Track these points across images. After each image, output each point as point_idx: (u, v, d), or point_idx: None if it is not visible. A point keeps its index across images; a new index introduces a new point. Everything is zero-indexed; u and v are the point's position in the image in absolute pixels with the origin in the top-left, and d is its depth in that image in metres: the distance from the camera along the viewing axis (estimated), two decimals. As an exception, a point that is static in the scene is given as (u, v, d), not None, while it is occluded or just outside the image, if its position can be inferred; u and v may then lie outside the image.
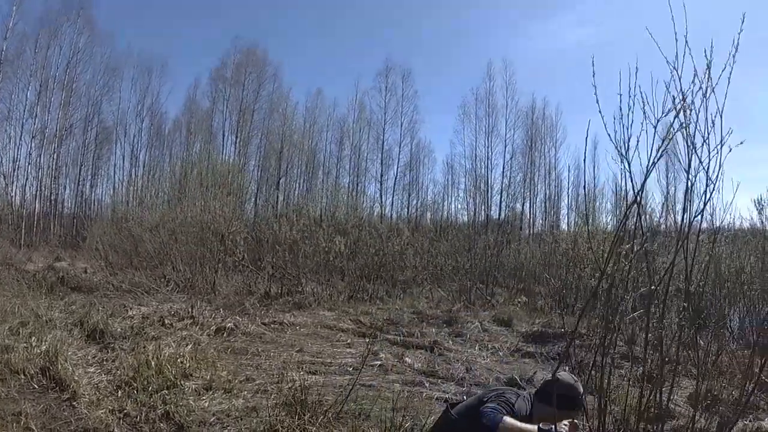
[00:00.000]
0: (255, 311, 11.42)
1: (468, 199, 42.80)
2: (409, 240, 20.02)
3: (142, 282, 14.01)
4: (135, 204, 25.76)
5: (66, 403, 5.68)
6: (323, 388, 6.47)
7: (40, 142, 34.92)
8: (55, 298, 11.56)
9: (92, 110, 38.05)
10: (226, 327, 9.62)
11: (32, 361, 6.58)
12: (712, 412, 5.95)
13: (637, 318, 6.66)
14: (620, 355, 8.18)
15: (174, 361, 6.78)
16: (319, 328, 10.65)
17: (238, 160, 32.82)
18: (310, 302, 13.36)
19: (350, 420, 5.44)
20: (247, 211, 23.91)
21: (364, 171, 44.48)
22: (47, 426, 5.10)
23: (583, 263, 13.83)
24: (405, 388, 6.67)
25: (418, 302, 14.82)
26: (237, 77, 42.06)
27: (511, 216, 41.54)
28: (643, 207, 11.89)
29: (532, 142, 43.86)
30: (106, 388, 6.13)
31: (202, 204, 17.25)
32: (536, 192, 44.46)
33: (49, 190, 36.30)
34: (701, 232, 4.83)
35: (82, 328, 8.79)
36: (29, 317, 8.97)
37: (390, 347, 9.39)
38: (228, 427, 5.31)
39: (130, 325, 9.24)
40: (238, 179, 20.55)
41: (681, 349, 4.69)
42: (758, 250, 11.51)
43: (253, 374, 7.12)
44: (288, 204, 37.78)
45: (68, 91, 35.94)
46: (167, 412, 5.47)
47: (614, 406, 5.67)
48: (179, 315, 10.20)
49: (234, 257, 15.90)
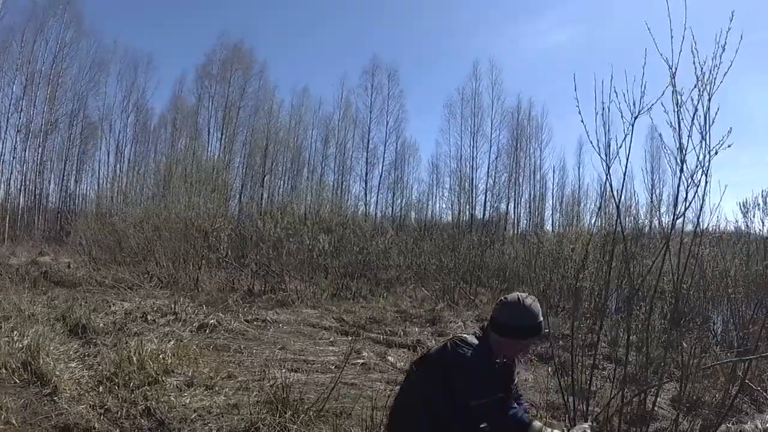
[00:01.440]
0: (238, 308, 11.42)
1: (453, 198, 43.05)
2: (393, 239, 20.07)
3: (126, 278, 14.00)
4: (119, 199, 25.69)
5: (47, 397, 5.67)
6: (305, 386, 6.49)
7: (25, 136, 34.89)
8: (37, 293, 11.50)
9: (78, 105, 38.04)
10: (208, 323, 9.61)
11: (14, 356, 6.56)
12: (694, 415, 6.02)
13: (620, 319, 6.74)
14: (603, 356, 8.27)
15: (156, 357, 6.78)
16: (302, 326, 10.66)
17: (223, 157, 32.68)
18: (293, 300, 13.35)
19: (332, 418, 5.46)
20: (231, 208, 23.79)
21: (349, 169, 44.75)
22: (27, 420, 5.10)
23: (567, 264, 13.90)
24: (387, 387, 6.68)
25: (401, 301, 14.85)
26: (223, 74, 42.12)
27: (495, 216, 41.80)
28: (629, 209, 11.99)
29: (518, 142, 44.20)
30: (87, 384, 6.12)
31: (187, 200, 17.23)
32: (521, 192, 44.82)
33: (33, 185, 36.24)
34: (686, 234, 4.87)
35: (64, 323, 8.76)
36: (11, 311, 8.94)
37: (373, 346, 9.43)
38: (209, 423, 5.32)
39: (112, 320, 9.23)
40: (223, 176, 20.45)
41: (665, 350, 4.74)
42: (742, 253, 11.60)
43: (235, 371, 7.14)
44: (272, 201, 37.82)
45: (54, 85, 35.85)
46: (148, 408, 5.47)
47: (597, 407, 5.72)
48: (162, 311, 10.19)
49: (218, 254, 15.90)
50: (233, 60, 42.22)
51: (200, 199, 17.12)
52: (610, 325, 8.65)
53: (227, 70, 41.97)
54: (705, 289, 9.53)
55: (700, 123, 3.87)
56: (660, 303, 9.35)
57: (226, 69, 42.01)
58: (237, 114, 42.03)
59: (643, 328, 4.47)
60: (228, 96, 41.92)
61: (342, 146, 44.78)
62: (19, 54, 34.03)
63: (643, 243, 11.13)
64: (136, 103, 41.39)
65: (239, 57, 42.50)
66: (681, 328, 6.65)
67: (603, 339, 7.77)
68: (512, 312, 3.18)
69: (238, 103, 42.17)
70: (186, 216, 16.22)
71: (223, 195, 19.21)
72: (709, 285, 9.75)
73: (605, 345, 8.81)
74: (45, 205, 37.44)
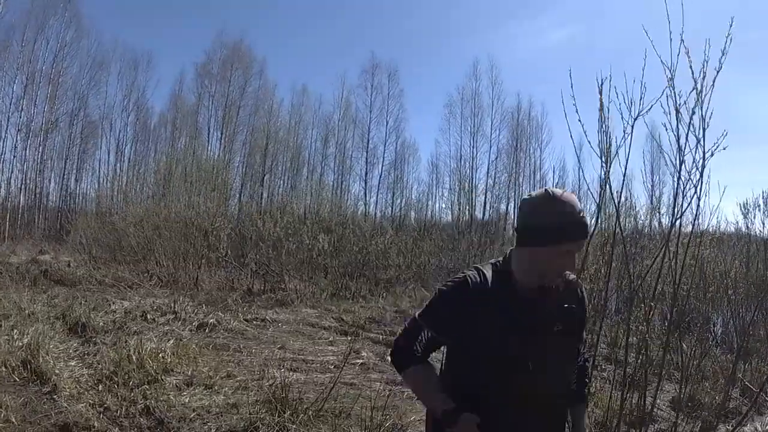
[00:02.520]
0: (237, 307, 11.42)
1: (452, 198, 42.84)
2: (392, 238, 20.05)
3: (125, 276, 13.99)
4: (119, 198, 25.64)
5: (46, 396, 5.68)
6: (304, 386, 6.50)
7: (25, 135, 34.76)
8: (37, 291, 11.51)
9: (78, 104, 37.89)
10: (208, 323, 9.61)
11: (13, 354, 6.57)
12: (694, 417, 6.03)
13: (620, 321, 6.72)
14: (602, 357, 8.27)
15: (155, 356, 6.80)
16: (301, 326, 10.66)
17: (223, 156, 32.67)
18: (292, 299, 13.35)
19: (330, 418, 5.47)
20: (231, 207, 23.79)
21: (348, 169, 44.53)
22: (27, 419, 5.10)
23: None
24: (386, 387, 6.68)
25: (401, 301, 14.85)
26: (223, 73, 42.00)
27: (495, 216, 41.71)
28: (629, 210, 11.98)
29: (518, 142, 44.07)
30: (86, 382, 6.13)
31: (187, 199, 17.24)
32: (521, 193, 44.41)
33: (34, 184, 36.09)
34: (685, 235, 4.86)
35: (64, 322, 8.76)
36: (11, 310, 8.95)
37: (372, 346, 9.42)
38: (208, 423, 5.33)
39: (112, 319, 9.23)
40: (223, 175, 20.48)
41: (664, 352, 4.74)
42: (743, 254, 11.60)
43: (234, 370, 7.14)
44: (272, 201, 37.67)
45: (55, 84, 35.73)
46: (147, 406, 5.48)
47: (596, 409, 5.73)
48: (162, 310, 10.18)
49: (217, 253, 15.90)
50: (233, 59, 42.10)
51: (200, 198, 17.16)
52: (609, 326, 8.65)
53: (227, 69, 41.87)
54: (705, 291, 9.52)
55: (695, 126, 3.87)
56: (660, 304, 9.36)
57: (226, 68, 41.92)
58: (237, 113, 41.94)
59: (643, 330, 4.46)
60: (228, 95, 41.84)
61: (342, 146, 44.68)
62: (20, 53, 34.00)
63: (642, 244, 11.10)
64: (136, 102, 41.32)
65: (239, 56, 42.38)
66: (681, 329, 6.64)
67: (602, 340, 7.77)
68: (536, 206, 2.15)
69: (238, 102, 42.08)
70: (186, 215, 16.23)
71: (223, 194, 19.25)
72: (709, 286, 9.74)
73: (604, 346, 8.81)
74: (45, 203, 37.36)
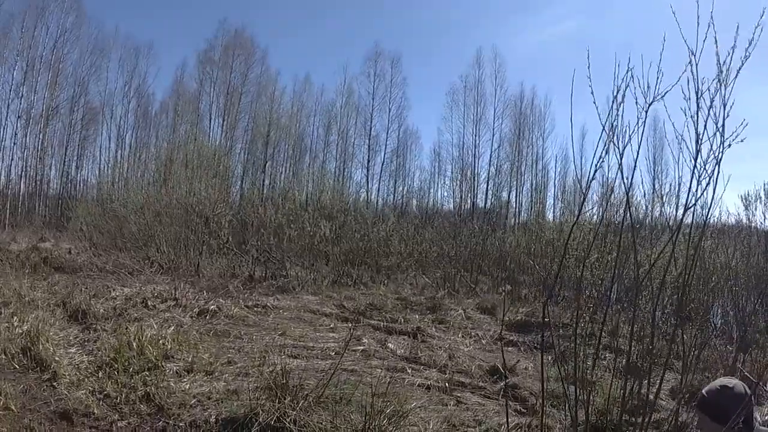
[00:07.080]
0: (238, 294, 11.42)
1: (454, 186, 42.93)
2: (394, 226, 20.06)
3: (126, 263, 13.99)
4: (120, 185, 25.64)
5: (46, 383, 5.68)
6: (305, 372, 6.47)
7: (26, 122, 34.78)
8: (38, 279, 11.50)
9: (79, 91, 37.83)
10: (209, 309, 9.60)
11: (13, 341, 6.57)
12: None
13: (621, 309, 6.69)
14: (603, 346, 8.25)
15: (156, 343, 6.78)
16: (302, 312, 10.65)
17: (224, 143, 32.68)
18: (293, 286, 13.34)
19: (331, 404, 5.44)
20: (232, 194, 23.84)
21: (351, 156, 44.53)
22: (27, 406, 5.10)
23: (569, 253, 13.85)
24: (387, 374, 6.67)
25: (402, 288, 14.84)
26: (225, 60, 41.86)
27: (497, 205, 41.70)
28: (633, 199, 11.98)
29: (520, 131, 43.95)
30: (86, 369, 6.12)
31: (188, 186, 17.21)
32: (523, 181, 44.55)
33: (34, 171, 36.07)
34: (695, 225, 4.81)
35: (64, 309, 8.77)
36: (12, 297, 8.95)
37: (373, 333, 9.40)
38: (208, 409, 5.31)
39: (112, 306, 9.22)
40: (224, 162, 20.47)
41: (665, 341, 4.71)
42: (744, 246, 11.58)
43: (235, 357, 7.13)
44: (274, 188, 37.70)
45: (55, 71, 35.67)
46: (148, 393, 5.47)
47: (597, 397, 5.71)
48: (162, 297, 10.18)
49: (218, 240, 15.88)
50: (235, 45, 41.94)
51: (201, 185, 17.13)
52: (610, 315, 8.63)
53: (229, 55, 41.70)
54: (706, 281, 9.51)
55: (716, 113, 3.80)
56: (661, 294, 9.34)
57: (228, 55, 41.75)
58: (239, 100, 41.82)
59: (646, 319, 4.42)
60: (230, 82, 41.70)
61: (344, 133, 44.57)
62: (20, 39, 33.92)
63: (644, 235, 11.09)
64: (137, 89, 41.12)
65: (241, 42, 42.22)
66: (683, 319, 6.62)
67: (604, 329, 7.76)
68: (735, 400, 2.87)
69: (240, 89, 41.96)
70: (187, 202, 16.22)
71: (225, 181, 19.26)
72: (710, 276, 9.73)
73: (605, 335, 8.80)
74: (46, 191, 37.36)
